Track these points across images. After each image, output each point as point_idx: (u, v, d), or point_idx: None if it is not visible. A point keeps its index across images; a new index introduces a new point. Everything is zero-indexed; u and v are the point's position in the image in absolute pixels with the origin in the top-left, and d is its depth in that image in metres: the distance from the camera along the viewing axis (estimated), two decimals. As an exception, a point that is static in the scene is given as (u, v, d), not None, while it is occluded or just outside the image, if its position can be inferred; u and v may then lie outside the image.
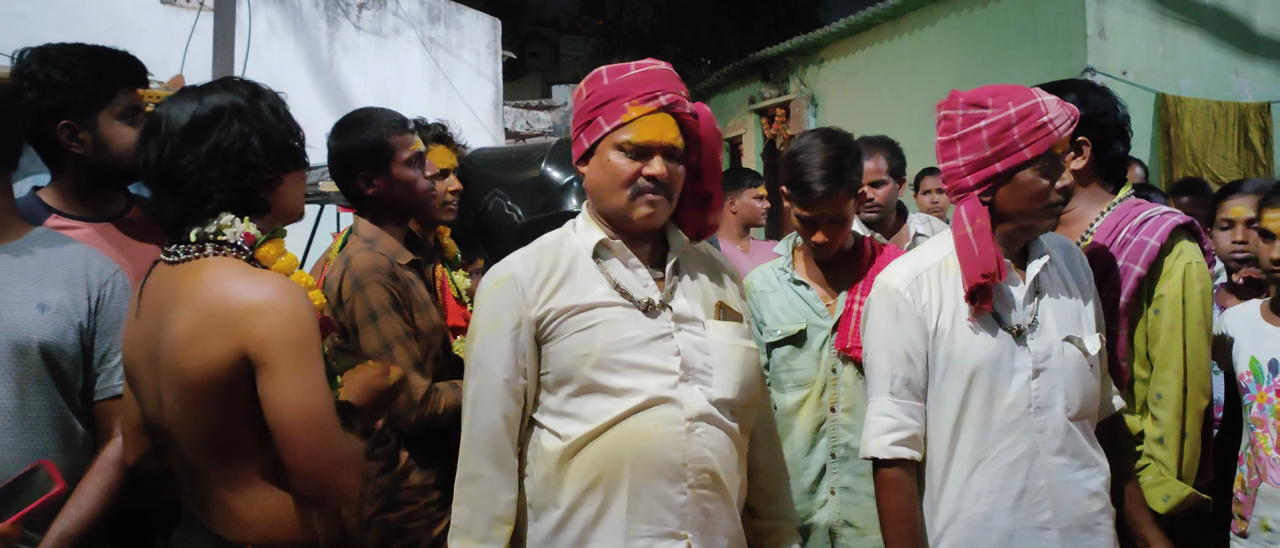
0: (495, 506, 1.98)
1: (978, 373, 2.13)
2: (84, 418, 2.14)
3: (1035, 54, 8.60)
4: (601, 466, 1.93)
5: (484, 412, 1.99)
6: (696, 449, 1.95)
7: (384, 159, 2.66)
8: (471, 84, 12.19)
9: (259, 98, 1.82)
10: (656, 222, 2.02)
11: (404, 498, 2.60)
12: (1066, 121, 2.09)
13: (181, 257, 1.76)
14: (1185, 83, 8.37)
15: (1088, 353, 2.18)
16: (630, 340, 1.96)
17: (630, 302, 1.99)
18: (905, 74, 10.23)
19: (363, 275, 2.55)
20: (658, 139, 1.97)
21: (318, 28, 10.59)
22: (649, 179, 1.97)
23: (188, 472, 1.80)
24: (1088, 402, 2.19)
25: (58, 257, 2.13)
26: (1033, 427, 2.13)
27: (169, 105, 1.78)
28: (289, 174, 1.86)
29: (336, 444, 1.71)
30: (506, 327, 1.98)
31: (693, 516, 1.95)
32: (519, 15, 19.74)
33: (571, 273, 2.01)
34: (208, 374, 1.67)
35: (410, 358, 2.53)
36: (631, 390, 1.94)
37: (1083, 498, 2.15)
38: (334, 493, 1.73)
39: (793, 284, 2.69)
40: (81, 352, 2.11)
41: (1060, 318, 2.19)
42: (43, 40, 2.36)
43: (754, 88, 13.37)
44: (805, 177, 2.52)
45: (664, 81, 2.02)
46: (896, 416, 2.17)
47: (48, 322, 2.06)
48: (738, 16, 16.41)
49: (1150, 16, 8.33)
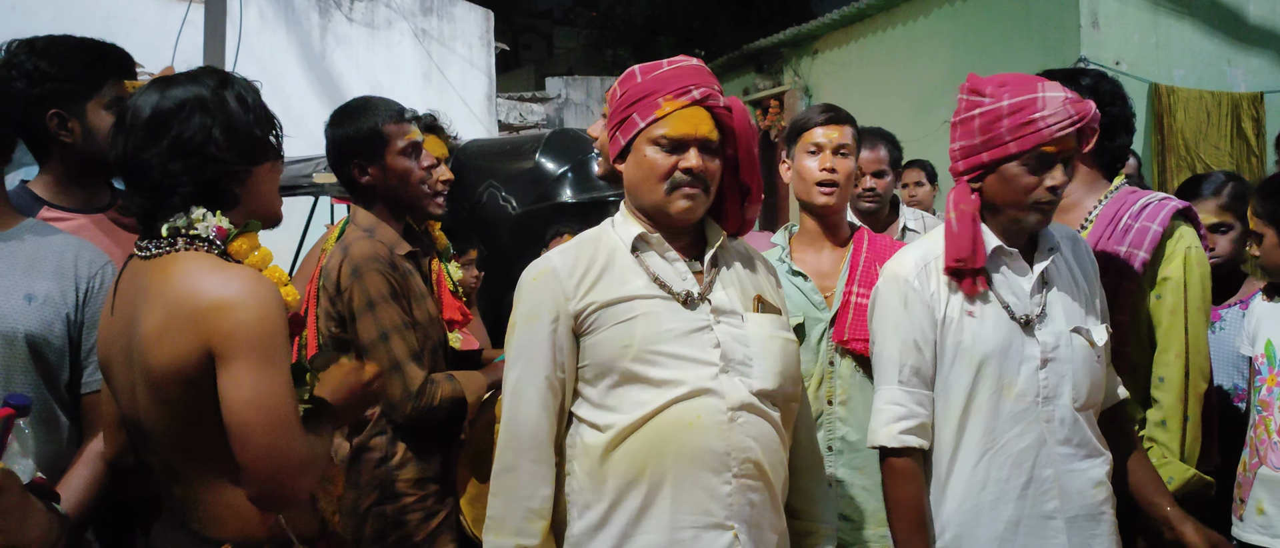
0: (531, 499, 1.97)
1: (986, 362, 2.14)
2: (69, 410, 2.13)
3: (1028, 44, 8.60)
4: (645, 457, 1.93)
5: (523, 405, 1.99)
6: (739, 439, 1.95)
7: (378, 148, 2.66)
8: (465, 76, 12.15)
9: (225, 88, 1.79)
10: (694, 215, 2.02)
11: (400, 490, 2.60)
12: (1062, 123, 2.06)
13: (153, 251, 1.75)
14: (1178, 73, 8.38)
15: (1094, 344, 2.19)
16: (669, 332, 1.97)
17: (669, 294, 2.00)
18: (899, 65, 10.23)
19: (362, 263, 2.54)
20: (692, 132, 1.98)
21: (309, 20, 10.54)
22: (685, 172, 1.98)
23: (164, 468, 1.80)
24: (1093, 392, 2.20)
25: (48, 247, 2.12)
26: (1040, 416, 2.14)
27: (135, 98, 1.77)
28: (258, 167, 1.83)
29: (292, 446, 1.67)
30: (546, 320, 1.99)
31: (738, 506, 1.95)
32: (512, 7, 19.67)
33: (610, 267, 2.03)
34: (176, 371, 1.66)
35: (407, 348, 2.53)
36: (672, 382, 1.94)
37: (1088, 488, 2.16)
38: (286, 496, 1.70)
39: (790, 275, 2.69)
40: (68, 343, 2.11)
41: (1068, 309, 2.20)
42: (37, 32, 2.36)
43: (748, 79, 13.36)
44: (806, 114, 2.72)
45: (697, 76, 2.03)
46: (906, 404, 2.18)
47: (35, 312, 2.06)
48: (732, 8, 16.37)
49: (1143, 6, 8.34)
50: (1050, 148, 2.07)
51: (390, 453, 2.61)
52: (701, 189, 2.00)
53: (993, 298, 2.18)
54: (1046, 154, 2.08)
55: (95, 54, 2.36)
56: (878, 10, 10.68)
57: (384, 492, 2.59)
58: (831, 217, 2.74)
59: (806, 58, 12.26)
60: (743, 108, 2.09)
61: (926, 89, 9.56)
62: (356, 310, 2.52)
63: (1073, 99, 2.09)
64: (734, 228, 2.14)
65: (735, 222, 2.14)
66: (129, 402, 1.79)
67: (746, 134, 2.07)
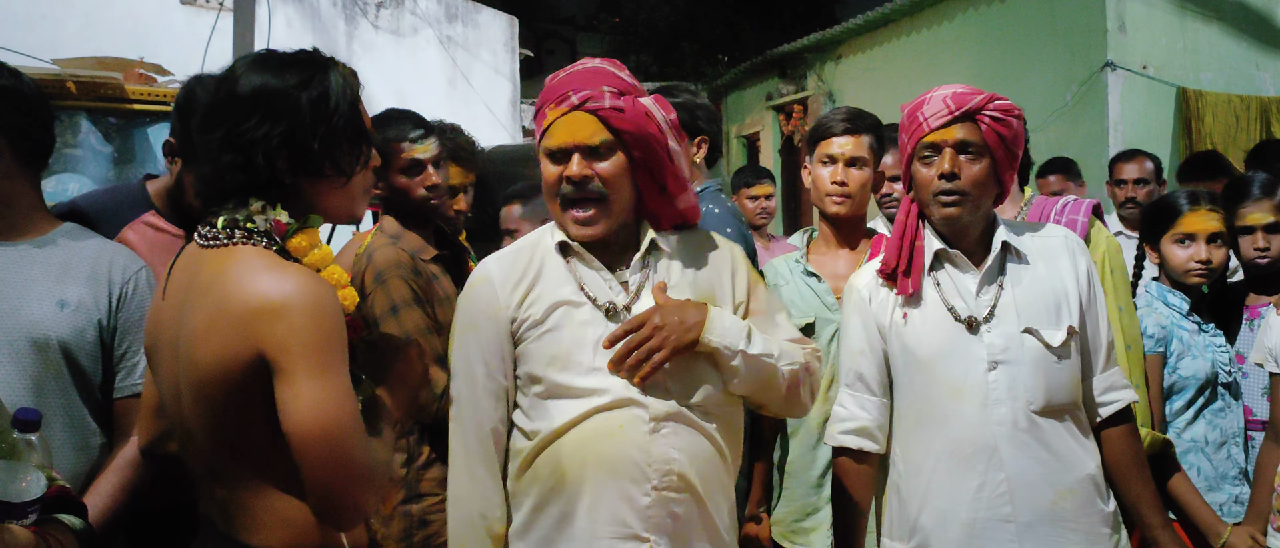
0: (487, 506, 1.98)
1: (930, 365, 2.17)
2: (100, 417, 2.14)
3: (1054, 49, 8.54)
4: (565, 466, 1.91)
5: (465, 413, 2.00)
6: (661, 450, 1.90)
7: (383, 164, 2.69)
8: (489, 82, 12.21)
9: (308, 87, 1.64)
10: (593, 234, 1.96)
11: (425, 490, 2.62)
12: (938, 114, 2.15)
13: (210, 241, 1.65)
14: (1206, 76, 8.28)
15: (1049, 345, 2.15)
16: (593, 342, 1.92)
17: (594, 304, 1.96)
18: (923, 70, 10.18)
19: (385, 270, 2.58)
20: (570, 140, 1.91)
21: (336, 27, 10.63)
22: (568, 181, 1.91)
23: (207, 470, 1.70)
24: (1055, 394, 2.15)
25: (82, 253, 2.14)
26: (990, 420, 2.12)
27: (226, 71, 1.69)
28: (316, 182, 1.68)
29: (356, 458, 1.56)
30: (482, 329, 1.98)
31: (658, 519, 1.89)
32: (536, 13, 19.71)
33: (542, 274, 1.99)
34: (221, 372, 1.57)
35: (432, 352, 2.55)
36: (595, 391, 1.91)
37: (1049, 494, 2.11)
38: (352, 510, 1.59)
39: (804, 276, 2.72)
40: (101, 349, 2.12)
41: (1023, 309, 2.17)
42: (65, 42, 2.41)
43: (771, 84, 13.34)
44: (826, 119, 2.75)
45: (585, 80, 1.95)
46: (848, 406, 2.27)
47: (67, 319, 2.07)
48: (755, 13, 16.35)
49: (1170, 10, 8.26)
50: (932, 137, 2.15)
51: (415, 454, 2.64)
52: (594, 200, 1.92)
53: (935, 300, 2.19)
54: (930, 144, 2.16)
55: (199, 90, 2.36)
56: (902, 15, 10.64)
57: (409, 492, 2.62)
58: (845, 223, 2.79)
59: (830, 62, 12.23)
60: (641, 104, 1.96)
61: (951, 94, 9.51)
62: (380, 316, 2.55)
63: (957, 94, 2.16)
64: (667, 224, 2.05)
65: (669, 217, 2.05)
66: (172, 394, 1.70)
67: (640, 130, 1.93)
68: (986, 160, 2.16)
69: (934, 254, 2.21)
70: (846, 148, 2.70)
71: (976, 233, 2.22)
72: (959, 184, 2.14)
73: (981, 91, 2.18)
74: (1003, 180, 2.22)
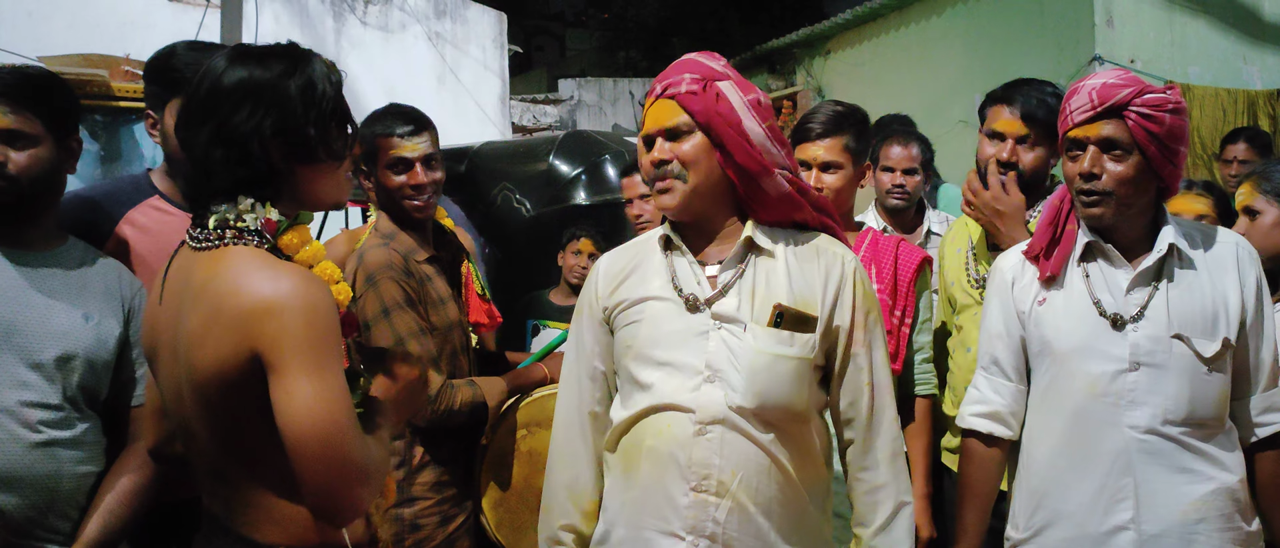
0: (573, 480, 2.12)
1: (1067, 358, 2.13)
2: (110, 428, 2.19)
3: (1042, 43, 8.56)
4: (631, 453, 2.01)
5: (564, 390, 2.17)
6: (701, 454, 1.92)
7: (371, 159, 2.70)
8: (478, 78, 12.19)
9: (293, 75, 1.64)
10: (673, 206, 1.99)
11: (417, 494, 2.61)
12: (1082, 108, 2.10)
13: (203, 243, 1.65)
14: (1194, 71, 8.32)
15: (1200, 354, 2.06)
16: (667, 336, 1.98)
17: (679, 297, 2.00)
18: (912, 65, 10.20)
19: (376, 272, 2.56)
20: (655, 126, 2.00)
21: (324, 23, 10.59)
22: (654, 165, 1.99)
23: (211, 469, 1.70)
24: (1199, 407, 2.06)
25: (94, 269, 2.21)
26: (1122, 421, 2.06)
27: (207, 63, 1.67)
28: (307, 167, 1.68)
29: (351, 455, 1.55)
30: (585, 315, 2.14)
31: (696, 520, 1.92)
32: (524, 9, 19.70)
33: (640, 266, 2.08)
34: (218, 373, 1.57)
35: (424, 354, 2.53)
36: (656, 386, 1.97)
37: (1179, 505, 2.04)
38: (349, 508, 1.58)
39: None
40: (116, 361, 2.18)
41: (1178, 314, 2.08)
42: (52, 39, 2.41)
43: (761, 80, 13.33)
44: (804, 121, 2.72)
45: (671, 71, 2.04)
46: (982, 389, 2.28)
47: (91, 331, 2.13)
48: (744, 9, 16.37)
49: (1158, 4, 8.29)
50: (1075, 133, 2.11)
51: (408, 457, 2.62)
52: (675, 178, 1.97)
53: (1082, 292, 2.13)
54: (1074, 140, 2.12)
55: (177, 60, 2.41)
56: (890, 10, 10.65)
57: (401, 495, 2.60)
58: None
59: (819, 58, 12.24)
60: (715, 86, 1.99)
61: (940, 89, 9.53)
62: (371, 318, 2.54)
63: (1105, 86, 2.07)
64: (771, 216, 2.03)
65: (767, 209, 2.02)
66: (175, 396, 1.70)
67: (715, 114, 1.96)
68: (1135, 158, 2.05)
69: (1085, 246, 2.15)
70: (820, 154, 2.66)
71: (1136, 230, 2.14)
72: (1100, 184, 2.07)
73: (1133, 82, 2.07)
74: (1163, 175, 2.10)
